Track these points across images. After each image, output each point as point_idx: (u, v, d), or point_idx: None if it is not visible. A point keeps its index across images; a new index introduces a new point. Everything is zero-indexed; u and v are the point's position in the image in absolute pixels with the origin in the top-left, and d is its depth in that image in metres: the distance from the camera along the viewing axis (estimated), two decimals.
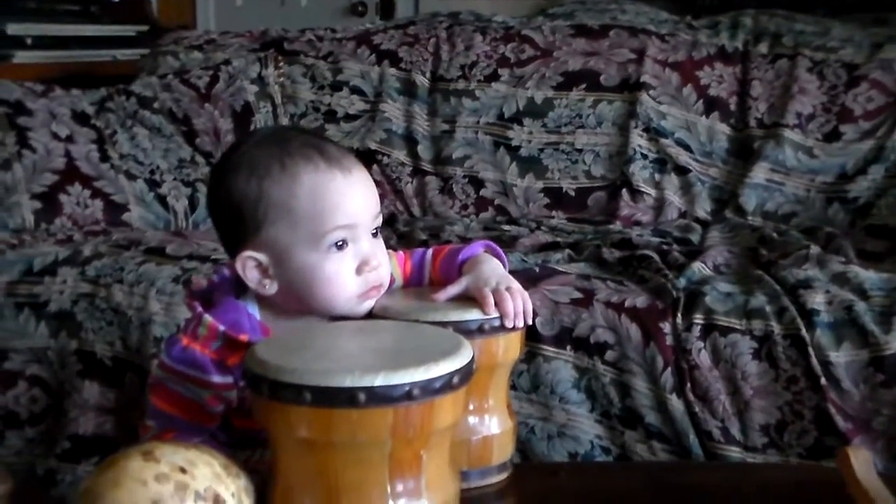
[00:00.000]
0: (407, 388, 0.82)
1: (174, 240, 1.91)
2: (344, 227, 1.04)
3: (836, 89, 2.27)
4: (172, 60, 2.54)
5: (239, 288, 1.10)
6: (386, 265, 1.09)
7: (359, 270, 1.06)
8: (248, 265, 1.06)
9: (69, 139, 2.14)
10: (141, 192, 2.16)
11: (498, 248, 1.16)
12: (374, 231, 1.08)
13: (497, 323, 1.03)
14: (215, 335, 1.05)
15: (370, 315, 1.05)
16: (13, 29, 2.81)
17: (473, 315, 1.02)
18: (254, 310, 1.09)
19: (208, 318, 1.06)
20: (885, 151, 2.17)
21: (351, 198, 1.05)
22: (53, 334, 1.74)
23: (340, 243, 1.05)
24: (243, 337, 1.05)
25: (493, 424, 1.06)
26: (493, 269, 1.09)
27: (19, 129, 2.09)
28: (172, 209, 2.19)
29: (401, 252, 1.20)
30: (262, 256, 1.05)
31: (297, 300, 1.07)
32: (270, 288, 1.06)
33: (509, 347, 1.05)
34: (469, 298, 1.05)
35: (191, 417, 1.06)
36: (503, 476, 1.08)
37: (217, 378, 1.04)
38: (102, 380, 1.73)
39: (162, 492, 0.79)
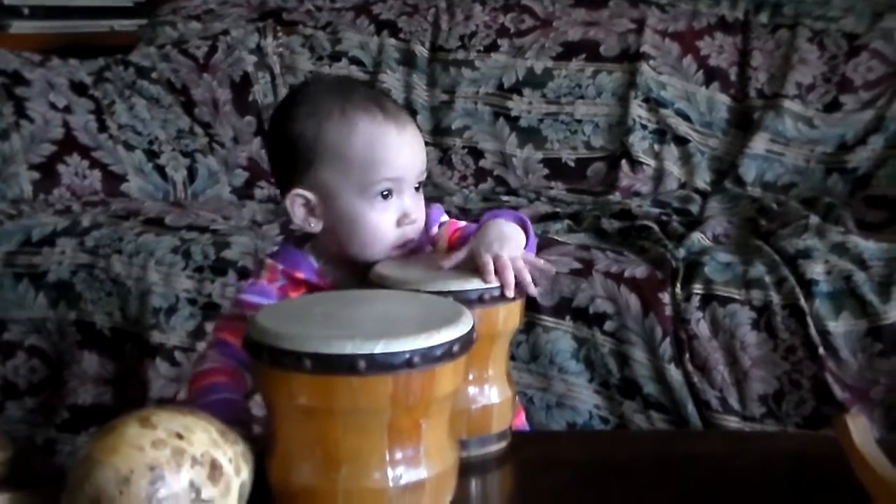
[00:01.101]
0: (407, 356, 0.82)
1: (173, 210, 1.91)
2: (391, 180, 1.09)
3: (837, 59, 2.26)
4: (171, 31, 2.53)
5: (299, 242, 1.17)
6: (422, 221, 1.14)
7: (398, 222, 1.11)
8: (297, 202, 1.11)
9: (67, 109, 2.13)
10: (139, 163, 2.16)
11: (528, 221, 1.14)
12: (417, 186, 1.13)
13: (497, 293, 1.02)
14: (276, 275, 1.12)
15: (370, 284, 1.05)
16: None
17: (474, 284, 1.02)
18: (311, 259, 1.15)
19: (269, 260, 1.14)
20: (885, 122, 2.16)
21: (401, 153, 1.10)
22: (52, 305, 1.75)
23: (386, 193, 1.09)
24: (299, 274, 1.12)
25: (493, 394, 1.06)
26: (501, 234, 1.08)
27: (17, 99, 2.08)
28: (171, 180, 2.19)
29: (456, 221, 1.21)
30: (310, 195, 1.10)
31: (336, 243, 1.12)
32: (315, 226, 1.12)
33: (509, 317, 1.05)
34: (474, 267, 1.05)
35: None
36: (502, 444, 1.08)
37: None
38: (101, 350, 1.73)
39: (159, 457, 0.80)
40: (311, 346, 0.82)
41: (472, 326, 0.88)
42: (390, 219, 1.10)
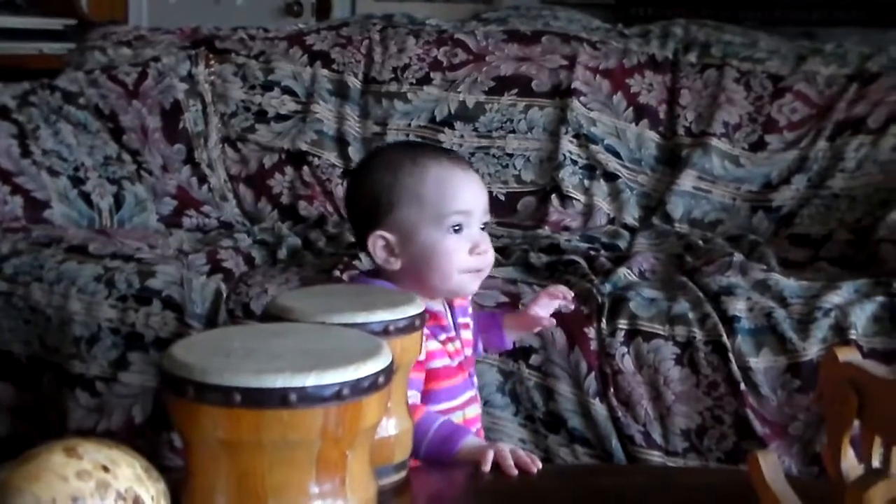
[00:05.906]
0: (337, 388, 0.82)
1: (97, 238, 1.88)
2: (461, 213, 1.24)
3: (762, 100, 2.31)
4: (100, 56, 2.49)
5: (372, 276, 1.30)
6: (491, 254, 1.28)
7: (470, 251, 1.25)
8: (378, 243, 1.24)
9: None
10: (64, 189, 2.11)
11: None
12: (483, 226, 1.27)
13: (402, 324, 1.03)
14: None
15: (268, 316, 1.04)
16: None
17: (378, 317, 1.02)
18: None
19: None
20: (808, 162, 2.21)
21: (468, 189, 1.26)
22: None
23: (458, 227, 1.24)
24: None
25: (391, 425, 1.06)
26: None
27: None
28: (97, 207, 2.14)
29: None
30: (390, 236, 1.24)
31: (415, 278, 1.24)
32: (395, 264, 1.25)
33: (408, 348, 1.06)
34: (373, 301, 1.06)
35: None
36: (401, 475, 1.09)
37: None
38: (18, 380, 1.69)
39: (83, 489, 0.77)
40: (241, 380, 0.81)
41: (393, 357, 0.89)
42: (463, 248, 1.24)
